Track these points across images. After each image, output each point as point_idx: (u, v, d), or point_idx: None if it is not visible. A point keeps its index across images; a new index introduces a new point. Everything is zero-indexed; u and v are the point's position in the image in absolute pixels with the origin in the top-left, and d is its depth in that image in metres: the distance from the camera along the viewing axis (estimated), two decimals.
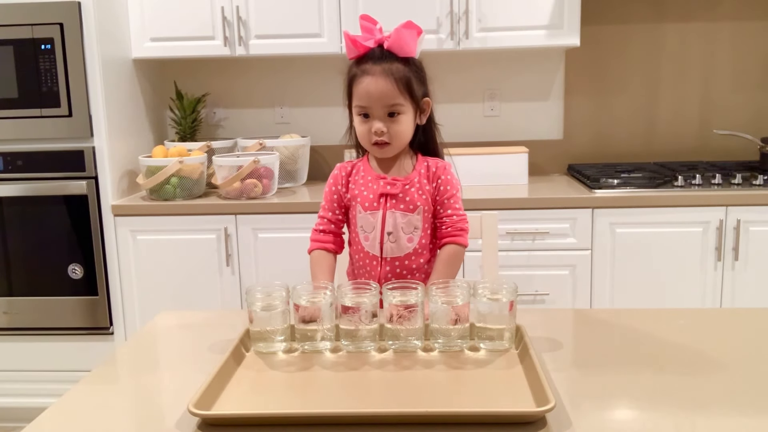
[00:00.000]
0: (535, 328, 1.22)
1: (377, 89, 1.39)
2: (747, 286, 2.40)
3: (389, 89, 1.39)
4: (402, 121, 1.42)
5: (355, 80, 1.42)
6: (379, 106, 1.40)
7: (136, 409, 1.01)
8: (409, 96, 1.42)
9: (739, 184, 2.43)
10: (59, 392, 1.09)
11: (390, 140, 1.42)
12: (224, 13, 2.60)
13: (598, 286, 2.43)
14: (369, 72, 1.40)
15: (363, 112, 1.42)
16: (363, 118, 1.43)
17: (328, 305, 1.17)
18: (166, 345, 1.30)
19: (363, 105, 1.41)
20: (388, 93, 1.39)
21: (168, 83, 2.95)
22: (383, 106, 1.40)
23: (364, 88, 1.40)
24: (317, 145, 2.95)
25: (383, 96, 1.39)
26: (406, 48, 1.42)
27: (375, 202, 1.47)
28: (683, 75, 2.90)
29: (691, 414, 0.91)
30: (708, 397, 0.96)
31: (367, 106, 1.40)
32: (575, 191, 2.48)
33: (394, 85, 1.40)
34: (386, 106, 1.40)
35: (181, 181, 2.52)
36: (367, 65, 1.41)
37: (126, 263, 2.51)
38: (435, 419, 0.89)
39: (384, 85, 1.39)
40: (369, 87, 1.39)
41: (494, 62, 2.90)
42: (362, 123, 1.43)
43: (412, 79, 1.42)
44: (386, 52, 1.42)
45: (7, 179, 2.47)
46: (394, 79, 1.40)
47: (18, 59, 2.40)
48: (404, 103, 1.42)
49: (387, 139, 1.42)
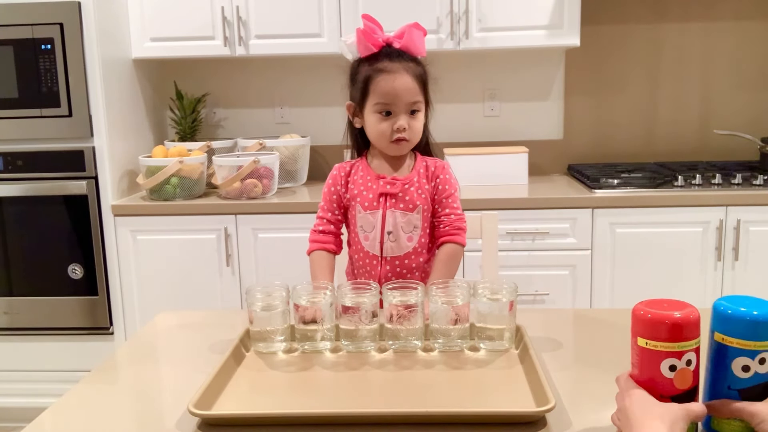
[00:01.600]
0: (535, 328, 1.22)
1: (403, 86, 1.40)
2: (747, 286, 2.40)
3: (412, 86, 1.42)
4: (420, 118, 1.46)
5: (373, 79, 1.41)
6: (402, 103, 1.41)
7: (136, 409, 1.01)
8: (424, 94, 1.45)
9: (739, 184, 2.43)
10: (59, 392, 1.09)
11: (409, 137, 1.44)
12: (224, 13, 2.60)
13: (598, 286, 2.43)
14: (390, 70, 1.41)
15: (385, 109, 1.42)
16: (383, 116, 1.42)
17: (328, 305, 1.17)
18: (166, 345, 1.30)
19: (386, 102, 1.41)
20: (412, 90, 1.42)
21: (168, 83, 2.95)
22: (407, 103, 1.42)
23: (389, 85, 1.40)
24: (317, 145, 2.95)
25: (408, 93, 1.41)
26: (418, 48, 1.44)
27: (375, 202, 1.47)
28: (683, 75, 2.90)
29: None
30: None
31: (391, 103, 1.41)
32: (575, 191, 2.48)
33: (415, 82, 1.42)
34: (409, 103, 1.42)
35: (181, 181, 2.52)
36: (385, 63, 1.41)
37: (126, 263, 2.51)
38: (435, 419, 0.89)
39: (408, 81, 1.41)
40: (394, 84, 1.40)
41: (494, 62, 2.90)
42: (382, 121, 1.42)
43: (425, 76, 1.45)
44: (401, 51, 1.43)
45: (7, 179, 2.47)
46: (414, 76, 1.42)
47: (18, 59, 2.40)
48: (422, 101, 1.45)
49: (408, 136, 1.43)
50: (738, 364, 0.78)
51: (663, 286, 2.41)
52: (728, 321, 0.79)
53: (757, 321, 0.78)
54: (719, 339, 0.80)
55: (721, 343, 0.80)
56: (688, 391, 0.79)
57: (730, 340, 0.79)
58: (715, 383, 0.81)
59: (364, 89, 1.43)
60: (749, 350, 0.77)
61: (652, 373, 0.79)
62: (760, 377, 0.78)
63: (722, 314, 0.80)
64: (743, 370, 0.78)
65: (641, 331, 0.80)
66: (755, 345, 0.78)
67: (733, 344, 0.79)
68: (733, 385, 0.79)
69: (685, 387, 0.79)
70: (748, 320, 0.78)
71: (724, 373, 0.79)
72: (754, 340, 0.78)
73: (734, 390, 0.79)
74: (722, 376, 0.80)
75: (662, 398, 0.78)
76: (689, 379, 0.79)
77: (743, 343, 0.78)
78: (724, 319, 0.80)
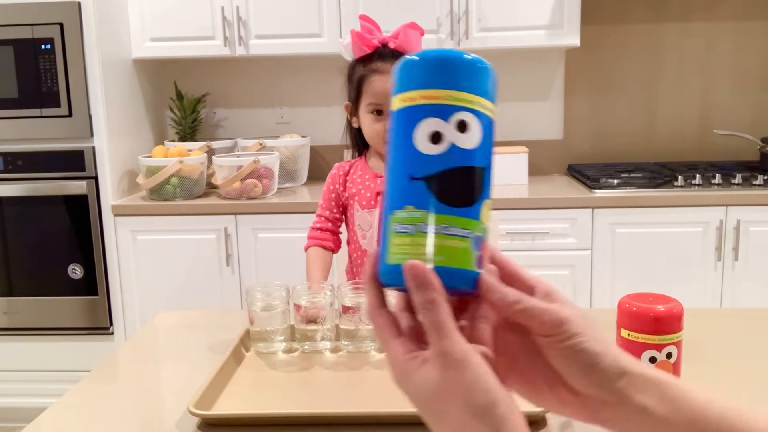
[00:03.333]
0: None
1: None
2: (747, 286, 2.40)
3: None
4: None
5: (366, 79, 1.42)
6: None
7: (136, 409, 1.01)
8: None
9: (739, 184, 2.43)
10: (59, 392, 1.09)
11: None
12: (224, 13, 2.60)
13: (598, 286, 2.43)
14: (383, 70, 1.41)
15: (377, 109, 1.42)
16: (376, 116, 1.43)
17: (328, 305, 1.17)
18: (166, 345, 1.30)
19: (379, 102, 1.41)
20: None
21: (168, 83, 2.95)
22: None
23: (381, 85, 1.40)
24: (317, 145, 2.95)
25: None
26: (413, 47, 1.44)
27: (372, 200, 1.47)
28: (683, 75, 2.90)
29: None
30: None
31: (384, 103, 1.40)
32: (575, 191, 2.48)
33: None
34: None
35: (181, 181, 2.52)
36: (378, 64, 1.42)
37: (126, 263, 2.51)
38: None
39: None
40: (386, 84, 1.39)
41: (494, 62, 2.86)
42: (376, 121, 1.43)
43: None
44: (395, 52, 1.43)
45: (7, 179, 2.47)
46: None
47: (18, 59, 2.40)
48: None
49: None
50: (424, 131, 0.48)
51: (663, 286, 2.40)
52: (414, 69, 0.50)
53: (447, 60, 0.50)
54: (407, 100, 0.50)
55: (411, 105, 0.49)
56: None
57: (414, 97, 0.49)
58: (394, 172, 0.50)
59: (358, 90, 1.45)
60: (441, 105, 0.48)
61: None
62: (456, 155, 0.48)
63: (410, 63, 0.51)
64: (431, 140, 0.48)
65: (625, 322, 0.83)
66: (448, 96, 0.49)
67: (419, 101, 0.49)
68: (416, 172, 0.48)
69: None
70: (433, 62, 0.50)
71: (405, 151, 0.49)
72: (440, 89, 0.49)
73: (419, 179, 0.48)
74: (402, 158, 0.49)
75: None
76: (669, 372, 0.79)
77: (435, 95, 0.49)
78: (412, 67, 0.50)
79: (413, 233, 0.48)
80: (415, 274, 0.46)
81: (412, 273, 0.46)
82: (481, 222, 0.49)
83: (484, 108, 0.50)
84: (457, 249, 0.48)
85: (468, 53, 0.51)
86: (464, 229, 0.48)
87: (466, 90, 0.49)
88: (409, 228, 0.48)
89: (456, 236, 0.48)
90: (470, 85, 0.49)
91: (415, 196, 0.48)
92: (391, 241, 0.49)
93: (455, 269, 0.47)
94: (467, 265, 0.48)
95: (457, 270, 0.47)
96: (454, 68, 0.50)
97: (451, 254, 0.47)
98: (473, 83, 0.50)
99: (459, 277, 0.47)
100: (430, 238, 0.47)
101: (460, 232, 0.48)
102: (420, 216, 0.48)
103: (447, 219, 0.48)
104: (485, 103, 0.50)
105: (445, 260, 0.47)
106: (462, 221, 0.48)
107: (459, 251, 0.48)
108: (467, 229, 0.48)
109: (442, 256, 0.47)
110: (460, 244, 0.48)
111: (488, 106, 0.50)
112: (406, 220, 0.48)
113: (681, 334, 0.81)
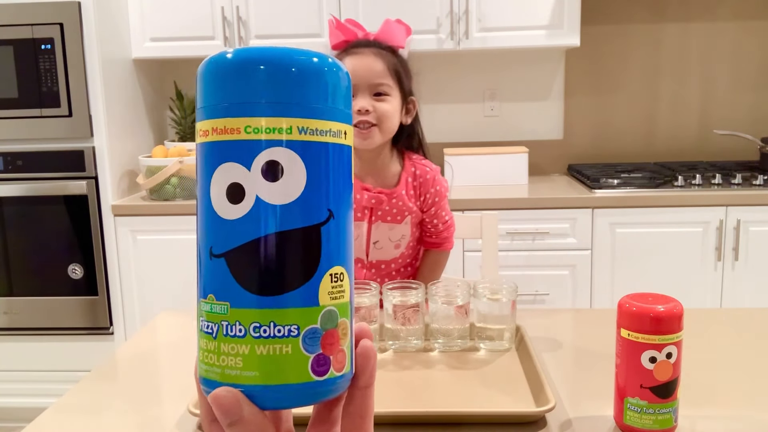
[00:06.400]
0: (535, 328, 1.22)
1: (365, 66, 1.29)
2: (747, 286, 2.40)
3: (379, 69, 1.30)
4: (390, 102, 1.30)
5: None
6: (364, 84, 1.28)
7: (136, 409, 1.01)
8: (398, 82, 1.32)
9: (739, 184, 2.43)
10: (59, 392, 1.09)
11: (377, 121, 1.29)
12: (224, 13, 2.60)
13: (598, 286, 2.43)
14: (355, 52, 1.32)
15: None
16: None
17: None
18: (167, 345, 1.30)
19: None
20: (376, 70, 1.29)
21: (168, 83, 2.95)
22: (369, 85, 1.29)
23: (350, 64, 1.30)
24: None
25: (370, 73, 1.29)
26: (394, 38, 1.36)
27: (359, 213, 1.40)
28: (683, 75, 2.90)
29: (691, 413, 0.91)
30: (707, 396, 0.96)
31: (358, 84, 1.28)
32: (575, 191, 2.48)
33: (383, 65, 1.30)
34: (372, 85, 1.29)
35: (181, 181, 2.52)
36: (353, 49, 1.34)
37: (126, 263, 2.51)
38: (435, 419, 0.89)
39: (372, 62, 1.30)
40: (353, 63, 1.30)
41: (494, 62, 2.90)
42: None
43: (399, 66, 1.34)
44: (374, 42, 1.36)
45: (7, 179, 2.47)
46: (382, 60, 1.31)
47: (18, 59, 2.40)
48: (392, 86, 1.31)
49: (373, 119, 1.29)
50: (220, 183, 0.35)
51: (663, 286, 2.41)
52: (211, 79, 0.39)
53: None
54: (200, 134, 0.37)
55: (204, 142, 0.36)
56: (668, 382, 0.81)
57: (206, 129, 0.36)
58: (197, 242, 0.37)
59: None
60: (238, 142, 0.35)
61: (633, 364, 0.82)
62: (263, 218, 0.35)
63: (210, 68, 0.40)
64: (229, 197, 0.35)
65: (625, 322, 0.84)
66: (248, 126, 0.35)
67: (211, 136, 0.36)
68: (215, 244, 0.35)
69: (665, 379, 0.81)
70: (229, 69, 0.38)
71: (204, 212, 0.36)
72: (236, 116, 0.35)
73: (218, 256, 0.35)
74: (201, 222, 0.37)
75: (642, 388, 0.81)
76: (669, 372, 0.81)
77: (230, 126, 0.35)
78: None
79: (215, 336, 0.35)
80: (219, 406, 0.34)
81: (215, 404, 0.34)
82: (320, 307, 0.35)
83: (314, 135, 0.35)
84: (275, 358, 0.34)
85: (304, 51, 0.36)
86: (288, 325, 0.35)
87: (281, 113, 0.34)
88: (211, 328, 0.35)
89: (273, 338, 0.34)
90: (287, 102, 0.34)
91: (216, 280, 0.35)
92: (198, 341, 0.37)
93: (277, 387, 0.35)
94: (295, 377, 0.35)
95: (280, 387, 0.35)
96: (258, 78, 0.34)
97: (268, 365, 0.34)
98: (296, 98, 0.34)
99: (285, 394, 0.35)
100: (237, 344, 0.35)
101: (280, 330, 0.35)
102: (221, 311, 0.35)
103: (258, 314, 0.34)
104: (319, 125, 0.35)
105: (260, 376, 0.35)
106: (282, 314, 0.34)
107: (279, 360, 0.34)
108: (292, 324, 0.35)
109: (254, 371, 0.34)
110: (282, 348, 0.35)
111: (325, 128, 0.35)
112: (209, 317, 0.36)
113: (681, 334, 0.81)
